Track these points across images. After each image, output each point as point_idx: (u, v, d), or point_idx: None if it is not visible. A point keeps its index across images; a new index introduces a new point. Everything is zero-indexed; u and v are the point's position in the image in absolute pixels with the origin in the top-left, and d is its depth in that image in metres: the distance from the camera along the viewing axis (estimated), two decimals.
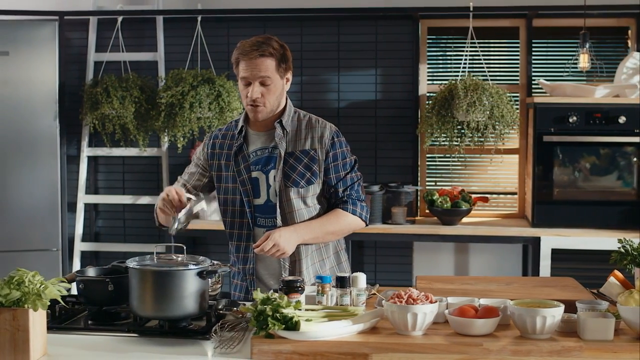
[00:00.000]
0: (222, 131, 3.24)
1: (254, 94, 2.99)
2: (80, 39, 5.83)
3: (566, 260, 5.08)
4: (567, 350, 2.26)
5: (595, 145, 5.12)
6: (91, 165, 5.92)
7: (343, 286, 2.63)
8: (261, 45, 2.99)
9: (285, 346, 2.30)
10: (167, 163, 5.75)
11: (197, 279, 2.58)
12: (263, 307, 2.34)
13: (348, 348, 2.29)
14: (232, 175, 3.12)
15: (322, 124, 3.14)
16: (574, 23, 5.54)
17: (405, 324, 2.37)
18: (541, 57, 5.70)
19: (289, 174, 3.05)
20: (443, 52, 5.81)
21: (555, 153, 5.13)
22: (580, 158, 5.17)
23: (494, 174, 5.80)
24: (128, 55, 5.73)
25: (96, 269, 2.94)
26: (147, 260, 2.66)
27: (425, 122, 5.30)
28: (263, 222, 3.10)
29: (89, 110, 5.46)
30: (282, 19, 5.73)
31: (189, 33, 5.74)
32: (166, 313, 2.56)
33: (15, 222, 5.51)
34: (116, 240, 5.99)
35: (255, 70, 2.98)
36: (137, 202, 5.79)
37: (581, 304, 2.53)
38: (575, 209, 5.14)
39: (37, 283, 2.32)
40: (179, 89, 5.24)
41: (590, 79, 5.60)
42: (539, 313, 2.32)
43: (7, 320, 2.27)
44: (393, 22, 5.71)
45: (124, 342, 2.52)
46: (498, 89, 5.17)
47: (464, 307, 2.42)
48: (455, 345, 2.29)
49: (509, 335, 2.39)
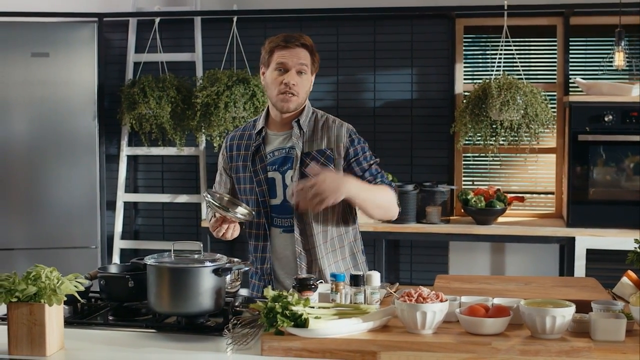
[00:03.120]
0: (238, 132, 3.28)
1: (292, 80, 3.02)
2: (119, 40, 5.94)
3: (601, 260, 5.01)
4: (576, 350, 2.25)
5: (631, 144, 5.05)
6: (130, 164, 6.03)
7: (357, 284, 2.64)
8: (299, 37, 3.06)
9: (294, 343, 2.33)
10: (204, 162, 5.83)
11: (213, 276, 2.61)
12: (273, 304, 2.36)
13: (356, 346, 2.31)
14: (249, 175, 3.15)
15: (338, 124, 3.15)
16: (609, 21, 5.47)
17: (414, 322, 2.38)
18: (578, 55, 5.64)
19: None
20: (479, 50, 5.78)
21: (590, 152, 5.07)
22: (615, 157, 5.10)
23: (531, 174, 5.75)
24: (165, 56, 5.81)
25: (118, 265, 3.01)
26: (165, 257, 2.71)
27: (459, 122, 5.28)
28: (279, 223, 3.13)
29: (127, 110, 5.55)
30: (317, 19, 5.76)
31: (225, 34, 5.80)
32: (182, 309, 2.60)
33: (55, 220, 5.63)
34: (155, 239, 6.08)
35: (295, 57, 3.03)
36: (176, 200, 5.88)
37: (596, 305, 2.51)
38: (611, 208, 5.08)
39: (53, 279, 2.38)
40: (214, 89, 5.30)
41: (625, 77, 5.52)
42: (549, 313, 2.31)
43: (24, 314, 2.34)
44: (429, 21, 5.70)
45: (142, 338, 2.57)
46: (532, 88, 5.12)
47: (474, 306, 2.42)
48: (463, 344, 2.29)
49: (519, 335, 2.39)
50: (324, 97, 5.68)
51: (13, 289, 2.34)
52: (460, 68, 5.70)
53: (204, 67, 5.81)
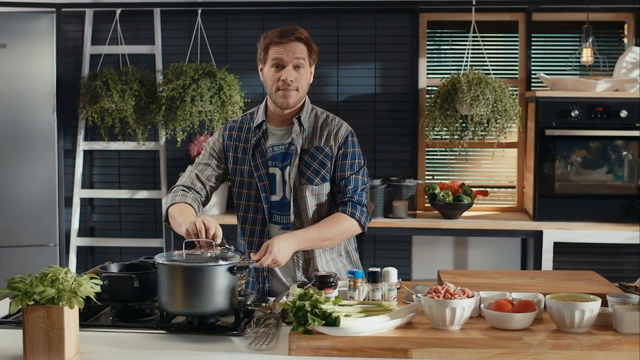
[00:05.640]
0: (237, 123, 3.19)
1: (290, 76, 2.97)
2: (77, 31, 5.76)
3: (568, 253, 5.09)
4: (606, 343, 2.26)
5: (597, 139, 5.14)
6: (87, 160, 5.85)
7: (375, 281, 2.61)
8: (294, 31, 3.00)
9: (324, 342, 2.28)
10: (164, 157, 5.70)
11: (228, 274, 2.55)
12: (302, 302, 2.31)
13: (387, 343, 2.27)
14: (248, 169, 3.08)
15: (338, 123, 3.12)
16: (572, 17, 5.56)
17: (443, 318, 2.36)
18: (540, 51, 5.71)
19: (304, 171, 3.03)
20: (442, 45, 5.80)
21: (557, 147, 5.14)
22: (581, 152, 5.19)
23: (491, 168, 5.80)
24: (125, 48, 5.65)
25: (117, 265, 2.90)
26: (174, 256, 2.63)
27: (429, 116, 5.28)
28: (278, 219, 3.07)
29: (88, 104, 5.38)
30: (281, 12, 5.69)
31: (186, 26, 5.69)
32: (197, 309, 2.53)
33: (12, 217, 5.43)
34: (112, 235, 5.93)
35: (291, 53, 2.98)
36: (134, 196, 5.74)
37: (612, 298, 2.54)
38: (577, 202, 5.16)
39: (70, 280, 2.28)
40: (180, 82, 5.18)
41: (587, 73, 5.61)
42: (578, 307, 2.32)
43: (41, 318, 2.23)
44: (392, 16, 5.69)
45: (153, 339, 2.49)
46: (500, 83, 5.16)
47: (501, 302, 2.42)
48: (495, 340, 2.28)
49: (546, 329, 2.39)
50: None
51: (30, 291, 2.22)
52: (423, 63, 5.71)
53: (165, 60, 5.68)
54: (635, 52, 5.27)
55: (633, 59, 5.25)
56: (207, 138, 5.49)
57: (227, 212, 5.52)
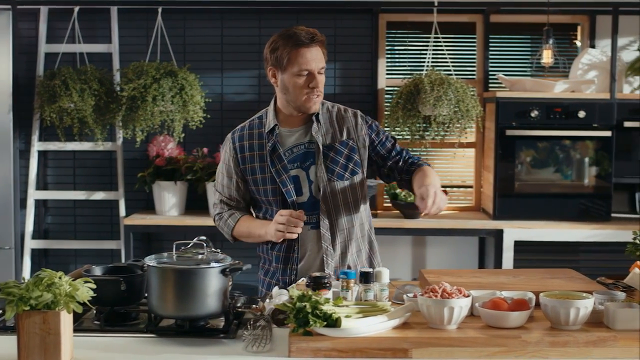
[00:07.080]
0: (245, 131, 3.12)
1: (319, 85, 2.95)
2: (31, 29, 5.62)
3: (529, 252, 5.18)
4: (602, 340, 2.30)
5: (555, 139, 5.24)
6: (41, 160, 5.72)
7: (367, 281, 2.60)
8: (312, 34, 2.94)
9: (324, 343, 2.27)
10: (122, 157, 5.61)
11: (220, 276, 2.52)
12: (302, 304, 2.29)
13: (388, 344, 2.27)
14: (269, 176, 3.03)
15: (351, 113, 3.12)
16: (531, 19, 5.66)
17: (441, 318, 2.37)
18: (498, 52, 5.79)
19: (332, 168, 3.01)
20: (400, 46, 5.84)
21: (516, 147, 5.23)
22: (540, 152, 5.27)
23: (448, 168, 5.85)
24: (82, 46, 5.54)
25: (101, 267, 2.84)
26: (164, 258, 2.59)
27: (391, 117, 5.31)
28: (307, 220, 3.00)
29: (46, 104, 5.26)
30: (240, 12, 5.66)
31: (143, 25, 5.62)
32: (189, 312, 2.49)
33: None
34: (66, 238, 5.81)
35: (318, 60, 2.94)
36: (90, 197, 5.63)
37: (599, 295, 2.58)
38: (536, 201, 5.26)
39: (65, 284, 2.23)
40: (141, 82, 5.10)
41: (542, 74, 5.71)
42: (573, 305, 2.35)
43: (36, 323, 2.17)
44: (352, 16, 5.71)
45: (144, 343, 2.45)
46: (462, 84, 5.22)
47: (497, 300, 2.44)
48: (493, 339, 2.30)
49: (541, 327, 2.42)
50: (245, 91, 5.57)
51: (25, 296, 2.16)
52: (382, 63, 5.74)
53: (122, 59, 5.59)
54: (591, 53, 5.39)
55: (589, 60, 5.36)
56: (167, 138, 5.43)
57: (185, 213, 5.47)
